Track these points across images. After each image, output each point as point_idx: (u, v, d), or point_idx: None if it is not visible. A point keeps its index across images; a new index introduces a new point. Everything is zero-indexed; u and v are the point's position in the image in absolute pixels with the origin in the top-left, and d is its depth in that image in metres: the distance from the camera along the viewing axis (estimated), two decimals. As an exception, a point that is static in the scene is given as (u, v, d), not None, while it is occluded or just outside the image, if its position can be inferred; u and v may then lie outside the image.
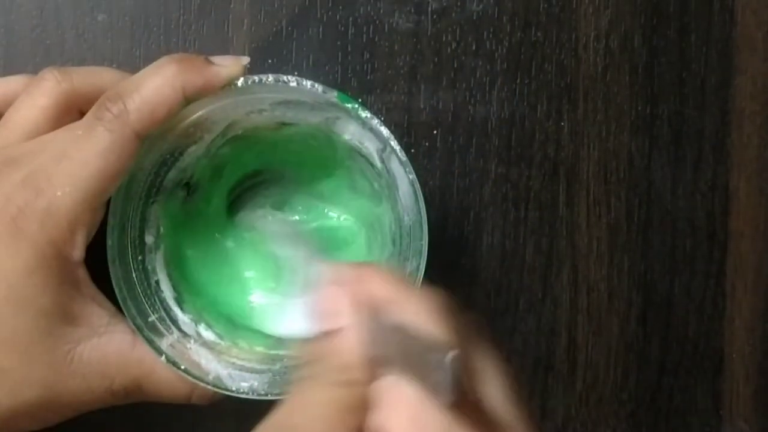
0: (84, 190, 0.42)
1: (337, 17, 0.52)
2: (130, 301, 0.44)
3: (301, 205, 0.51)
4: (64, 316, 0.43)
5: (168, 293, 0.47)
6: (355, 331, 0.35)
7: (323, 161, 0.49)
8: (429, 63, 0.53)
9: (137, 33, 0.52)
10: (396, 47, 0.52)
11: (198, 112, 0.44)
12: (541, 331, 0.54)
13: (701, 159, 0.54)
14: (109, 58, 0.51)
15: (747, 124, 0.54)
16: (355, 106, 0.44)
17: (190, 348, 0.45)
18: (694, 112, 0.54)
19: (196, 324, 0.47)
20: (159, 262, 0.47)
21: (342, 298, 0.35)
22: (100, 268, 0.44)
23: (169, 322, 0.46)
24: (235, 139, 0.47)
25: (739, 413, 0.54)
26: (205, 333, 0.47)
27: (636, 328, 0.54)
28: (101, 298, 0.44)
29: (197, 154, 0.47)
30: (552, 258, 0.53)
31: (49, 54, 0.51)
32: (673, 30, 0.53)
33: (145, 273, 0.46)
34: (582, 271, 0.54)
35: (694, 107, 0.54)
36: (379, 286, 0.35)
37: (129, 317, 0.44)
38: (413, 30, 0.52)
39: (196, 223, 0.49)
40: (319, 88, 0.44)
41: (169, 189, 0.47)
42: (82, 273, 0.43)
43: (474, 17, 0.53)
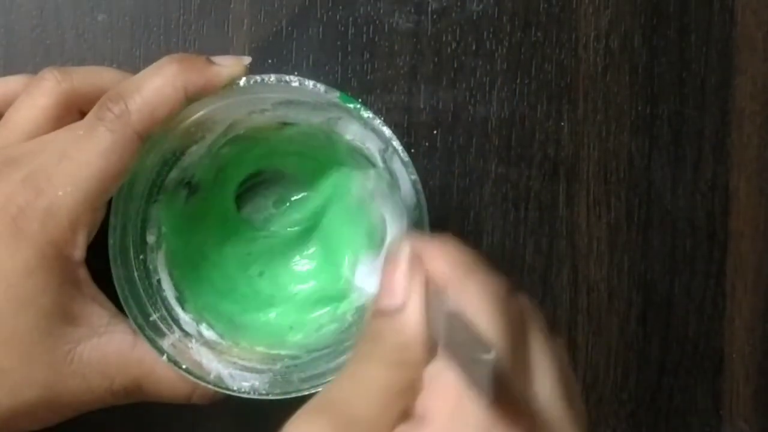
0: (85, 190, 0.42)
1: (337, 17, 0.52)
2: (131, 300, 0.44)
3: (302, 204, 0.51)
4: (64, 316, 0.43)
5: (169, 292, 0.47)
6: (417, 311, 0.34)
7: (325, 161, 0.49)
8: (429, 63, 0.52)
9: (137, 33, 0.52)
10: (396, 47, 0.52)
11: (199, 112, 0.44)
12: (541, 331, 0.54)
13: (701, 159, 0.54)
14: (109, 58, 0.51)
15: (747, 124, 0.54)
16: (357, 106, 0.44)
17: (191, 347, 0.45)
18: (694, 112, 0.54)
19: (197, 323, 0.47)
20: (160, 262, 0.47)
21: (407, 277, 0.35)
22: (101, 267, 0.44)
23: (170, 321, 0.46)
24: (236, 139, 0.47)
25: (739, 413, 0.54)
26: (207, 332, 0.47)
27: (636, 328, 0.54)
28: (102, 298, 0.44)
29: (199, 154, 0.47)
30: (552, 258, 0.53)
31: (49, 54, 0.51)
32: (673, 30, 0.53)
33: (147, 272, 0.46)
34: (582, 271, 0.54)
35: (694, 107, 0.54)
36: (443, 265, 0.35)
37: (130, 316, 0.44)
38: (413, 30, 0.52)
39: (198, 223, 0.49)
40: (321, 88, 0.44)
41: (170, 188, 0.47)
42: (83, 273, 0.43)
43: (474, 17, 0.53)
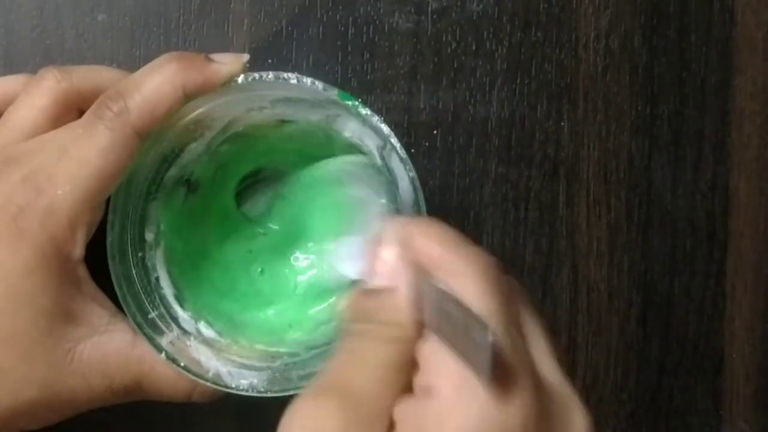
0: (84, 188, 0.42)
1: (337, 17, 0.52)
2: (130, 298, 0.44)
3: (301, 203, 0.50)
4: (64, 315, 0.43)
5: (168, 290, 0.47)
6: (407, 290, 0.35)
7: (323, 158, 0.49)
8: (429, 63, 0.53)
9: (137, 33, 0.52)
10: (396, 47, 0.52)
11: (198, 110, 0.44)
12: (541, 331, 0.54)
13: (701, 159, 0.54)
14: (109, 58, 0.51)
15: (747, 124, 0.54)
16: (356, 103, 0.44)
17: (189, 345, 0.45)
18: (694, 112, 0.54)
19: (195, 321, 0.47)
20: (159, 259, 0.47)
21: (395, 258, 0.35)
22: (100, 266, 0.44)
23: (169, 319, 0.46)
24: (235, 137, 0.47)
25: (739, 413, 0.54)
26: (205, 330, 0.47)
27: (636, 328, 0.54)
28: (101, 297, 0.44)
29: (198, 152, 0.47)
30: (552, 258, 0.53)
31: (49, 54, 0.51)
32: (673, 30, 0.53)
33: (145, 270, 0.46)
34: (582, 271, 0.54)
35: (694, 107, 0.54)
36: (431, 245, 0.35)
37: (129, 314, 0.44)
38: (413, 30, 0.52)
39: (197, 220, 0.49)
40: (319, 85, 0.44)
41: (169, 186, 0.47)
42: (83, 272, 0.43)
43: (474, 17, 0.53)
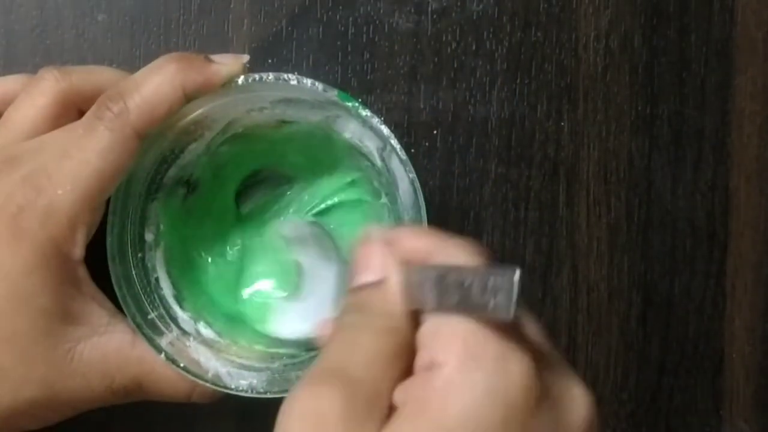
0: (84, 188, 0.42)
1: (337, 17, 0.52)
2: (129, 298, 0.44)
3: (301, 203, 0.50)
4: (64, 315, 0.43)
5: (167, 291, 0.47)
6: (396, 281, 0.35)
7: (323, 159, 0.49)
8: (429, 63, 0.52)
9: (137, 33, 0.52)
10: (396, 47, 0.52)
11: (198, 110, 0.44)
12: (541, 331, 0.54)
13: (701, 159, 0.54)
14: (109, 58, 0.51)
15: (747, 124, 0.54)
16: (356, 104, 0.44)
17: (189, 346, 0.45)
18: (694, 112, 0.53)
19: (195, 322, 0.47)
20: (159, 260, 0.47)
21: (382, 252, 0.36)
22: (99, 266, 0.44)
23: (168, 319, 0.46)
24: (235, 137, 0.47)
25: (739, 413, 0.54)
26: (205, 331, 0.47)
27: (636, 328, 0.54)
28: (101, 297, 0.44)
29: (197, 152, 0.47)
30: (552, 258, 0.53)
31: (49, 54, 0.51)
32: (673, 30, 0.53)
33: (145, 270, 0.46)
34: (582, 271, 0.53)
35: (694, 107, 0.53)
36: (418, 241, 0.36)
37: (128, 315, 0.44)
38: (413, 30, 0.52)
39: (196, 221, 0.49)
40: (319, 86, 0.44)
41: (169, 186, 0.47)
42: (83, 272, 0.43)
43: (474, 17, 0.53)
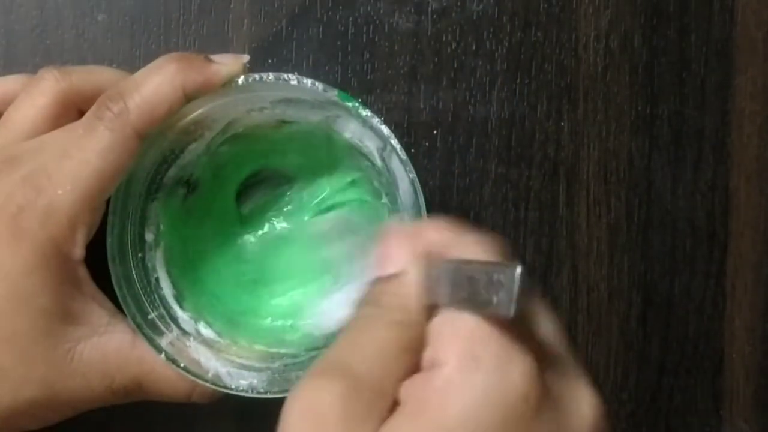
0: (84, 188, 0.42)
1: (337, 17, 0.52)
2: (129, 298, 0.44)
3: (301, 204, 0.51)
4: (64, 315, 0.43)
5: (168, 291, 0.47)
6: (414, 275, 0.35)
7: (323, 159, 0.49)
8: (429, 63, 0.52)
9: (137, 33, 0.52)
10: (396, 47, 0.52)
11: (198, 110, 0.44)
12: (541, 331, 0.54)
13: (701, 159, 0.54)
14: (109, 58, 0.51)
15: (747, 124, 0.54)
16: (356, 104, 0.44)
17: (189, 346, 0.45)
18: (694, 112, 0.53)
19: (195, 322, 0.47)
20: (159, 260, 0.47)
21: (401, 246, 0.36)
22: (100, 266, 0.44)
23: (168, 319, 0.46)
24: (235, 137, 0.47)
25: (739, 413, 0.54)
26: (205, 331, 0.47)
27: (636, 328, 0.54)
28: (101, 297, 0.44)
29: (198, 152, 0.47)
30: (552, 258, 0.53)
31: (49, 54, 0.51)
32: (673, 30, 0.53)
33: (145, 271, 0.46)
34: (582, 271, 0.53)
35: (694, 107, 0.53)
36: (437, 234, 0.36)
37: (129, 315, 0.44)
38: (413, 30, 0.52)
39: (196, 221, 0.49)
40: (319, 86, 0.44)
41: (169, 186, 0.47)
42: (83, 272, 0.43)
43: (474, 17, 0.52)
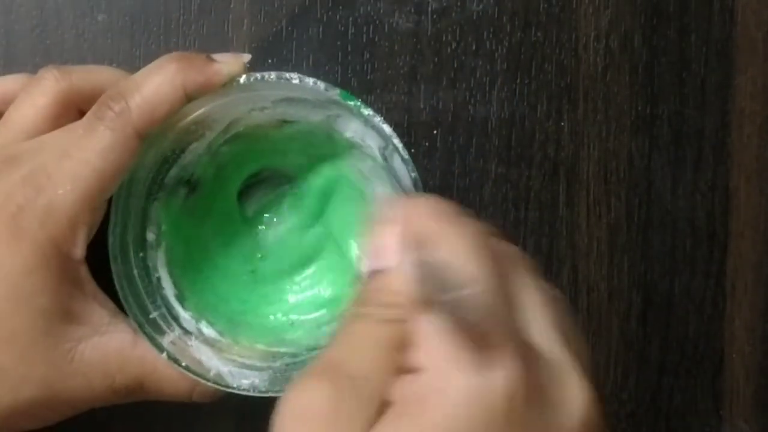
0: (85, 188, 0.42)
1: (337, 17, 0.52)
2: (131, 298, 0.44)
3: (303, 203, 0.50)
4: (64, 315, 0.42)
5: (169, 290, 0.47)
6: (402, 270, 0.35)
7: (325, 159, 0.49)
8: (429, 63, 0.52)
9: (137, 33, 0.52)
10: (396, 47, 0.52)
11: (199, 110, 0.44)
12: (541, 331, 0.54)
13: (701, 159, 0.54)
14: (109, 58, 0.51)
15: (747, 124, 0.54)
16: (358, 103, 0.44)
17: (191, 345, 0.45)
18: (694, 112, 0.54)
19: (197, 321, 0.47)
20: (160, 260, 0.47)
21: (390, 237, 0.35)
22: (101, 266, 0.44)
23: (170, 319, 0.46)
24: (236, 137, 0.47)
25: (739, 413, 0.54)
26: (206, 330, 0.47)
27: (636, 328, 0.54)
28: (102, 296, 0.44)
29: (199, 152, 0.47)
30: (552, 258, 0.53)
31: (49, 54, 0.51)
32: (673, 30, 0.53)
33: (146, 270, 0.46)
34: (582, 271, 0.53)
35: (694, 107, 0.54)
36: (425, 220, 0.36)
37: (130, 314, 0.44)
38: (413, 30, 0.52)
39: (198, 221, 0.49)
40: (321, 85, 0.43)
41: (170, 186, 0.47)
42: (84, 271, 0.43)
43: (474, 17, 0.53)
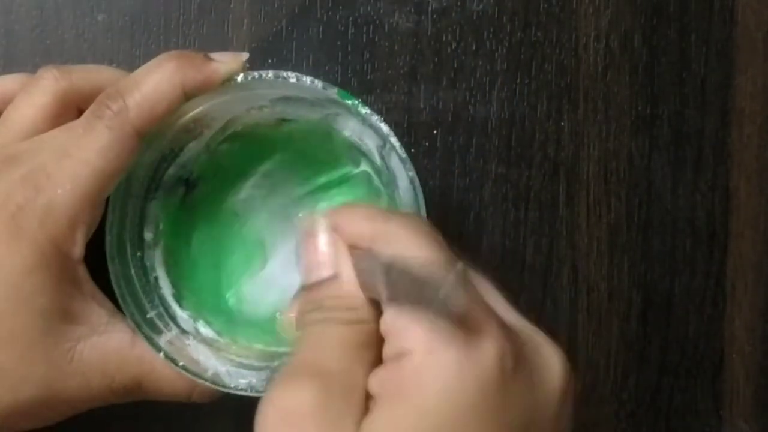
0: (84, 187, 0.42)
1: (337, 17, 0.52)
2: (128, 297, 0.44)
3: (300, 201, 0.50)
4: (63, 315, 0.43)
5: (167, 290, 0.47)
6: (351, 275, 0.36)
7: (323, 158, 0.49)
8: (429, 63, 0.52)
9: (137, 33, 0.52)
10: (396, 47, 0.52)
11: (198, 108, 0.44)
12: (541, 331, 0.54)
13: (701, 159, 0.54)
14: (109, 58, 0.51)
15: (747, 124, 0.54)
16: (356, 102, 0.44)
17: (188, 345, 0.45)
18: (694, 112, 0.53)
19: (194, 321, 0.47)
20: (158, 259, 0.47)
21: (330, 245, 0.36)
22: (99, 265, 0.44)
23: (167, 318, 0.46)
24: (234, 136, 0.47)
25: (739, 413, 0.54)
26: (204, 330, 0.47)
27: (636, 328, 0.54)
28: (101, 296, 0.44)
29: (197, 151, 0.47)
30: (552, 258, 0.53)
31: (49, 54, 0.51)
32: (673, 30, 0.53)
33: (144, 270, 0.46)
34: (582, 271, 0.53)
35: (694, 107, 0.53)
36: (361, 224, 0.36)
37: (127, 314, 0.44)
38: (413, 30, 0.52)
39: (196, 220, 0.49)
40: (319, 84, 0.44)
41: (168, 185, 0.47)
42: (82, 271, 0.43)
43: (474, 17, 0.53)
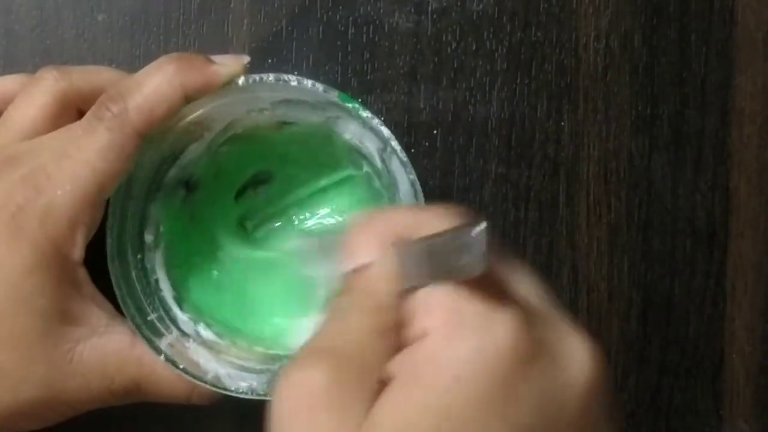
0: (84, 188, 0.42)
1: (337, 17, 0.52)
2: (129, 299, 0.44)
3: (301, 205, 0.50)
4: (63, 316, 0.43)
5: (167, 292, 0.47)
6: (383, 263, 0.36)
7: (323, 161, 0.49)
8: (429, 63, 0.52)
9: (137, 33, 0.52)
10: (396, 47, 0.52)
11: (198, 111, 0.44)
12: (541, 331, 0.53)
13: (701, 159, 0.54)
14: (109, 58, 0.51)
15: (747, 124, 0.54)
16: (356, 105, 0.44)
17: (188, 347, 0.45)
18: (694, 112, 0.53)
19: (195, 323, 0.47)
20: (158, 261, 0.47)
21: (367, 236, 0.36)
22: (99, 267, 0.44)
23: (168, 321, 0.46)
24: (235, 138, 0.47)
25: (739, 413, 0.54)
26: (204, 332, 0.47)
27: (636, 328, 0.54)
28: (100, 298, 0.44)
29: (198, 153, 0.47)
30: (552, 258, 0.53)
31: (49, 54, 0.51)
32: (673, 30, 0.53)
33: (145, 272, 0.46)
34: (582, 271, 0.53)
35: (694, 107, 0.53)
36: (401, 218, 0.37)
37: (128, 316, 0.44)
38: (413, 30, 0.52)
39: (196, 222, 0.49)
40: (319, 87, 0.44)
41: (169, 187, 0.47)
42: (82, 273, 0.43)
43: (474, 17, 0.52)
